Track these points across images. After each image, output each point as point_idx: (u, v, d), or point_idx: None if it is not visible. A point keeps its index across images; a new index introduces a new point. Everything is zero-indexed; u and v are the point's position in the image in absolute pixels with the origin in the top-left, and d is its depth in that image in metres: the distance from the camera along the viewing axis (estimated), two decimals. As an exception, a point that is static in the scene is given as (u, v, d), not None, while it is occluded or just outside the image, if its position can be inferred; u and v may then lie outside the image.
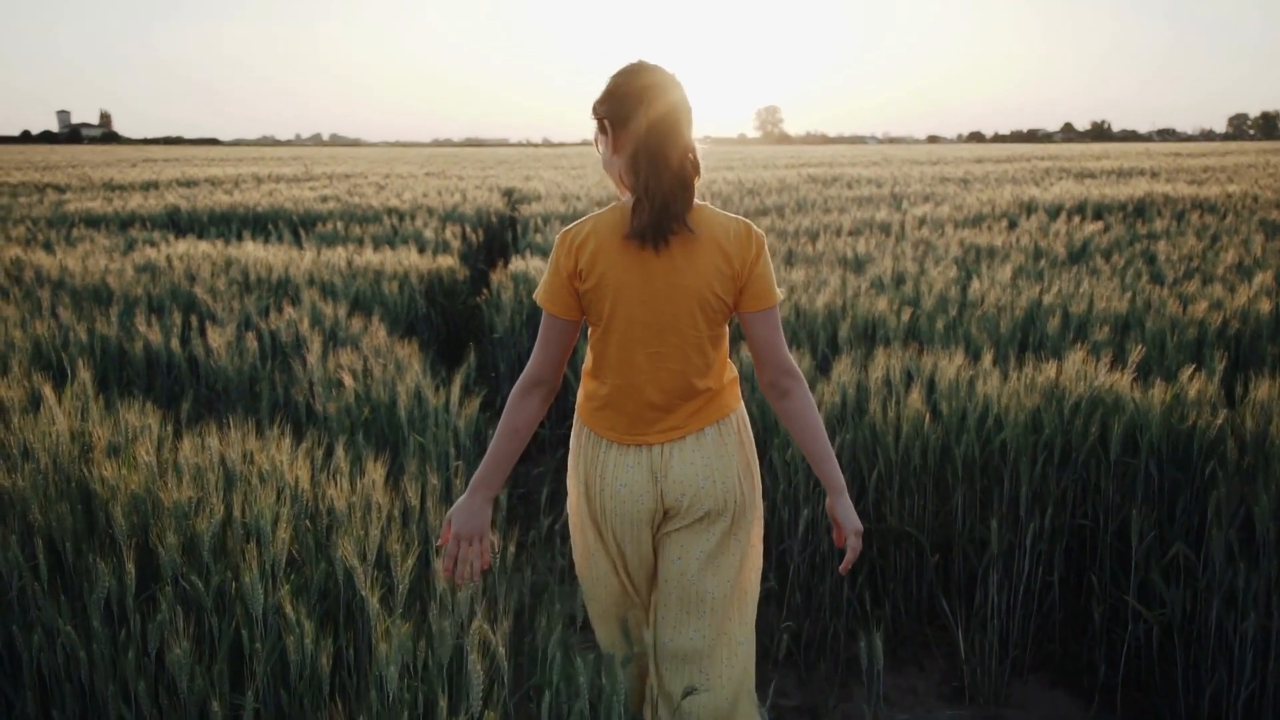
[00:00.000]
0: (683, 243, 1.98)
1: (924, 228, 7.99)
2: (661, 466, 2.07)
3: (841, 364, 3.76)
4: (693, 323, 2.01)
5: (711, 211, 2.04)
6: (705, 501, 2.08)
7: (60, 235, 8.05)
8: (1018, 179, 14.94)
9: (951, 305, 5.09)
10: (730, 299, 2.03)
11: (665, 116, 1.95)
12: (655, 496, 2.09)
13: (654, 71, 1.99)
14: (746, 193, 12.10)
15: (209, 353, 4.12)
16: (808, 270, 5.99)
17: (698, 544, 2.12)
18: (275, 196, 10.96)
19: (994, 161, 24.79)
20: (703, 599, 2.14)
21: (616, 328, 2.03)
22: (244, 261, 6.07)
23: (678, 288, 1.99)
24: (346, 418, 3.74)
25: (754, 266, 2.01)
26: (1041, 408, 3.37)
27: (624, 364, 2.05)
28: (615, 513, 2.11)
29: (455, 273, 6.59)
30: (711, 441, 2.08)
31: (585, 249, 2.00)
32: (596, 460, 2.12)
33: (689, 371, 2.05)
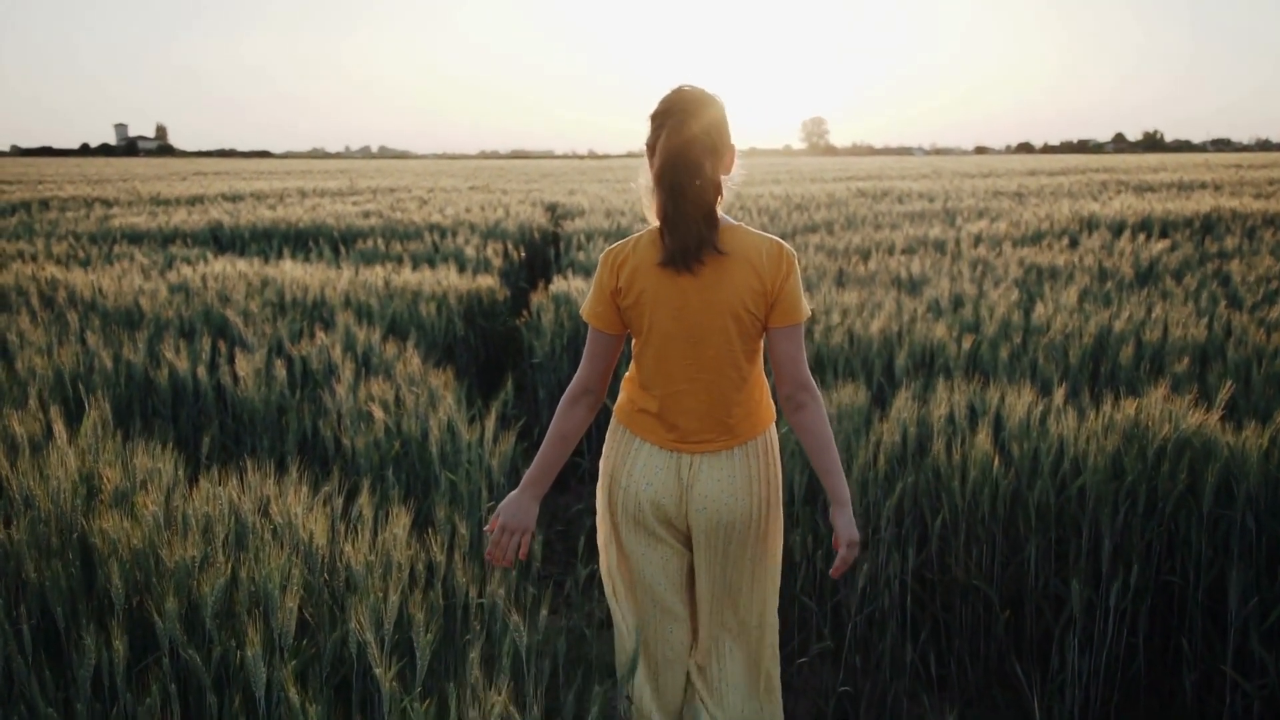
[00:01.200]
0: (717, 262, 2.07)
1: (980, 245, 7.69)
2: (689, 477, 2.18)
3: (900, 398, 3.51)
4: (726, 338, 2.11)
5: (745, 231, 2.13)
6: (724, 518, 2.18)
7: (102, 252, 7.99)
8: (1074, 193, 14.52)
9: (1015, 332, 4.80)
10: (762, 315, 2.12)
11: (684, 148, 2.04)
12: (679, 500, 2.20)
13: (682, 99, 2.08)
14: (794, 208, 11.84)
15: (236, 381, 3.95)
16: (860, 292, 5.73)
17: (720, 557, 2.24)
18: (317, 212, 10.88)
19: (1048, 174, 24.25)
20: (731, 607, 2.30)
21: (654, 342, 2.14)
22: (280, 281, 5.93)
23: (712, 304, 2.09)
24: (375, 452, 3.55)
25: (784, 284, 2.11)
26: (1123, 450, 3.09)
27: (662, 375, 2.17)
28: (636, 510, 2.23)
29: (495, 293, 6.41)
30: (739, 462, 2.19)
31: (625, 267, 2.12)
32: (628, 456, 2.24)
33: (724, 384, 2.15)
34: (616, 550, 2.35)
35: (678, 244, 2.05)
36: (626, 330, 2.21)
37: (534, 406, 5.34)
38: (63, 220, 10.98)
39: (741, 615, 2.33)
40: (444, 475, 3.48)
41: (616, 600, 2.39)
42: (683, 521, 2.23)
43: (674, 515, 2.22)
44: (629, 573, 2.34)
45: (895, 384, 4.49)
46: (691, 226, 2.05)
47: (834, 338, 4.68)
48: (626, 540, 2.30)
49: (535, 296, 5.70)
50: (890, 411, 3.48)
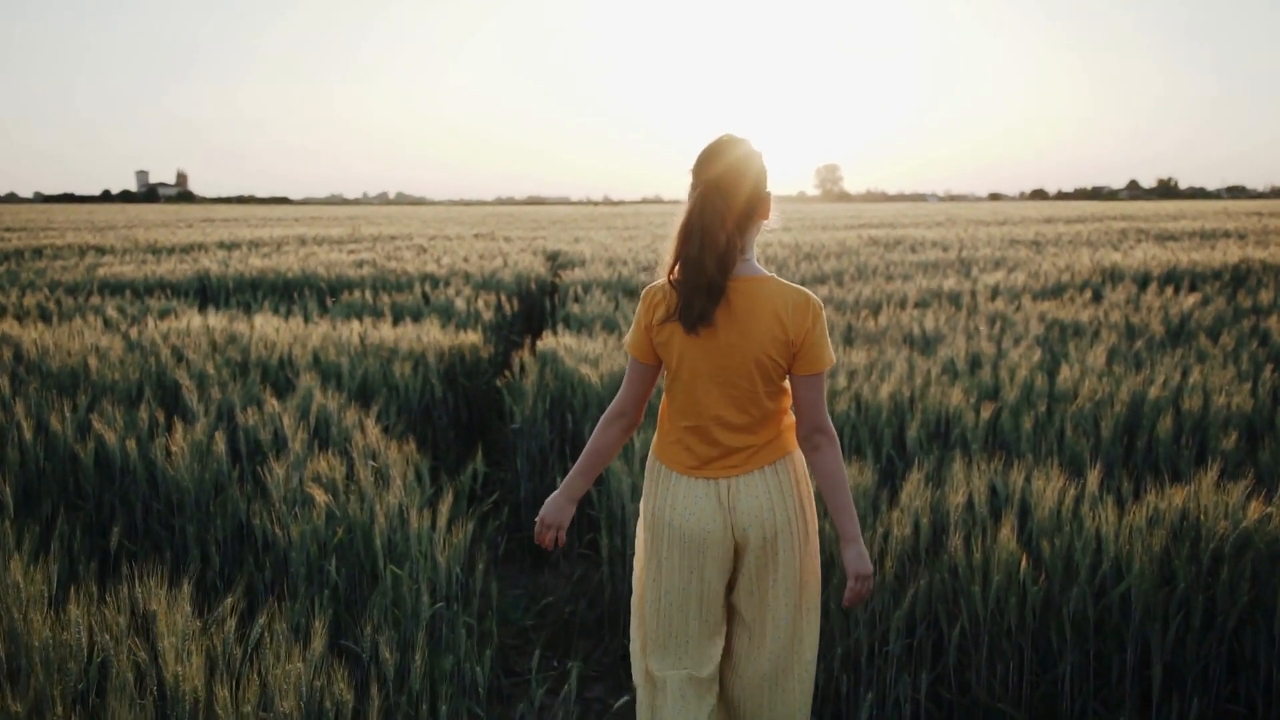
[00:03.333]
0: (745, 310, 2.18)
1: (998, 299, 7.25)
2: (729, 499, 2.27)
3: (911, 482, 3.07)
4: (750, 380, 2.21)
5: (776, 283, 2.22)
6: (769, 529, 2.26)
7: (75, 304, 7.64)
8: (1093, 241, 14.09)
9: (1038, 398, 4.36)
10: (785, 362, 2.22)
11: (709, 224, 2.15)
12: (725, 525, 2.27)
13: (719, 164, 2.18)
14: (804, 257, 11.44)
15: (169, 456, 3.53)
16: (869, 351, 5.30)
17: (766, 573, 2.29)
18: (309, 261, 10.53)
19: (1064, 222, 23.82)
20: (775, 623, 2.32)
21: (683, 377, 2.26)
22: (247, 338, 5.55)
23: (736, 349, 2.19)
24: (314, 542, 3.12)
25: (809, 335, 2.19)
26: (1172, 551, 2.64)
27: (690, 408, 2.28)
28: (685, 539, 2.29)
29: (479, 349, 6.00)
30: (771, 479, 2.27)
31: (660, 307, 2.24)
32: (666, 491, 2.32)
33: (748, 420, 2.25)
34: (655, 590, 2.38)
35: (683, 309, 2.17)
36: (660, 362, 2.33)
37: (514, 476, 4.91)
38: (51, 269, 10.67)
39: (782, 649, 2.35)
40: (388, 570, 3.05)
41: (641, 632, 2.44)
42: (730, 546, 2.29)
43: (721, 540, 2.29)
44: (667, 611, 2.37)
45: (906, 457, 4.04)
46: (697, 299, 2.16)
47: (839, 404, 4.24)
48: (669, 578, 2.34)
49: (518, 355, 5.29)
50: (900, 497, 3.04)
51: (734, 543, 2.29)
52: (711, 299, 2.15)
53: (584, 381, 4.85)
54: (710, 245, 2.13)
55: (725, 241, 2.14)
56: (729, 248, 2.14)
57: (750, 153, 2.20)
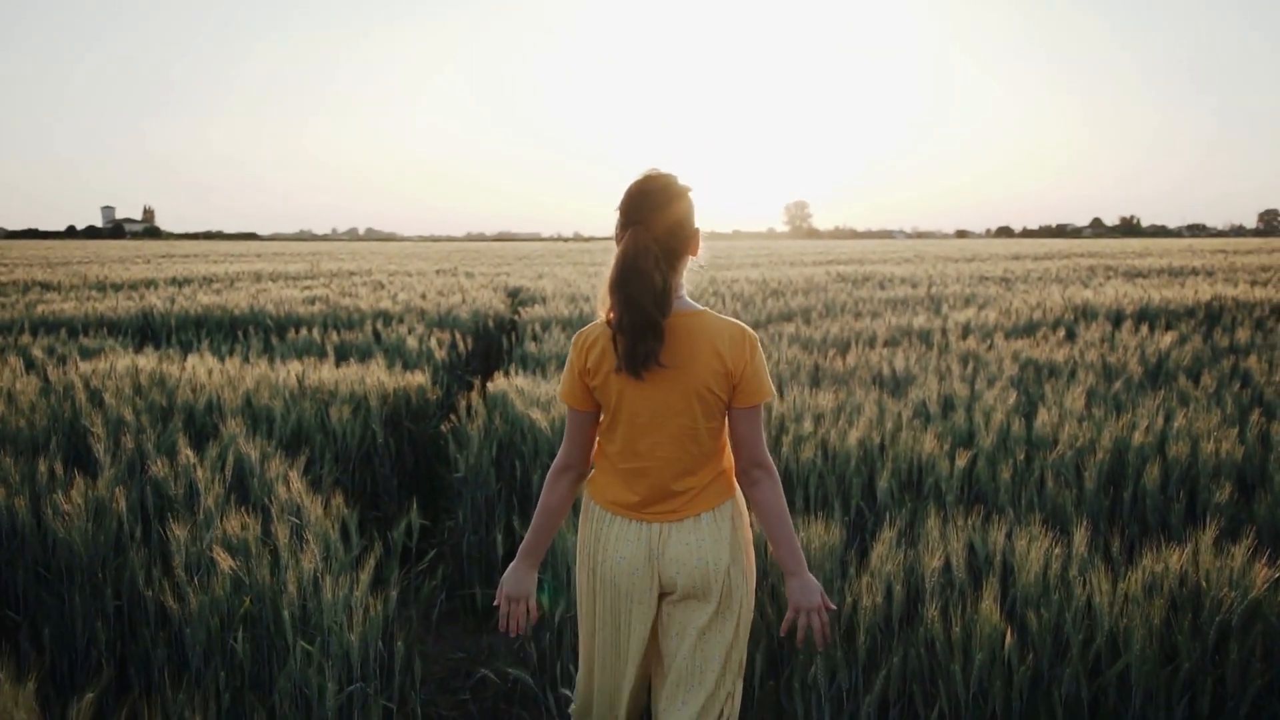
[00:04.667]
0: (683, 346, 2.14)
1: (970, 337, 7.01)
2: (660, 545, 2.22)
3: (883, 541, 2.77)
4: (690, 417, 2.18)
5: (712, 316, 2.20)
6: (697, 580, 2.20)
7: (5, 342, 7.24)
8: (1063, 278, 13.96)
9: (1016, 445, 4.09)
10: (725, 395, 2.18)
11: (640, 261, 2.08)
12: (652, 573, 2.23)
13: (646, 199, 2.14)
14: (770, 293, 11.19)
15: (58, 515, 3.17)
16: (837, 393, 5.01)
17: (693, 620, 2.23)
18: (260, 298, 10.15)
19: (1032, 258, 23.82)
20: (701, 673, 2.23)
21: (621, 419, 2.21)
22: (176, 380, 5.19)
23: (676, 385, 2.15)
24: (215, 615, 2.77)
25: (747, 368, 2.17)
26: (1173, 624, 2.35)
27: (628, 451, 2.22)
28: (613, 583, 2.25)
29: (425, 391, 5.66)
30: (707, 526, 2.22)
31: (594, 350, 2.20)
32: (601, 533, 2.27)
33: (687, 460, 2.20)
34: (590, 629, 2.35)
35: (627, 354, 2.11)
36: (598, 407, 2.27)
37: (456, 531, 4.56)
38: (-12, 306, 10.23)
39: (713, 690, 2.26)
40: (299, 645, 2.71)
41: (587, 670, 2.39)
42: (655, 591, 2.24)
43: (648, 584, 2.24)
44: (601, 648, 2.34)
45: (877, 510, 3.75)
46: (641, 342, 2.10)
47: (805, 451, 3.94)
48: (601, 617, 2.31)
49: (464, 398, 4.97)
50: (871, 558, 2.74)
51: (659, 587, 2.25)
52: (655, 340, 2.10)
53: (534, 426, 4.53)
54: (647, 286, 2.08)
55: (661, 282, 2.09)
56: (665, 288, 2.10)
57: (679, 189, 2.16)
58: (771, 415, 4.54)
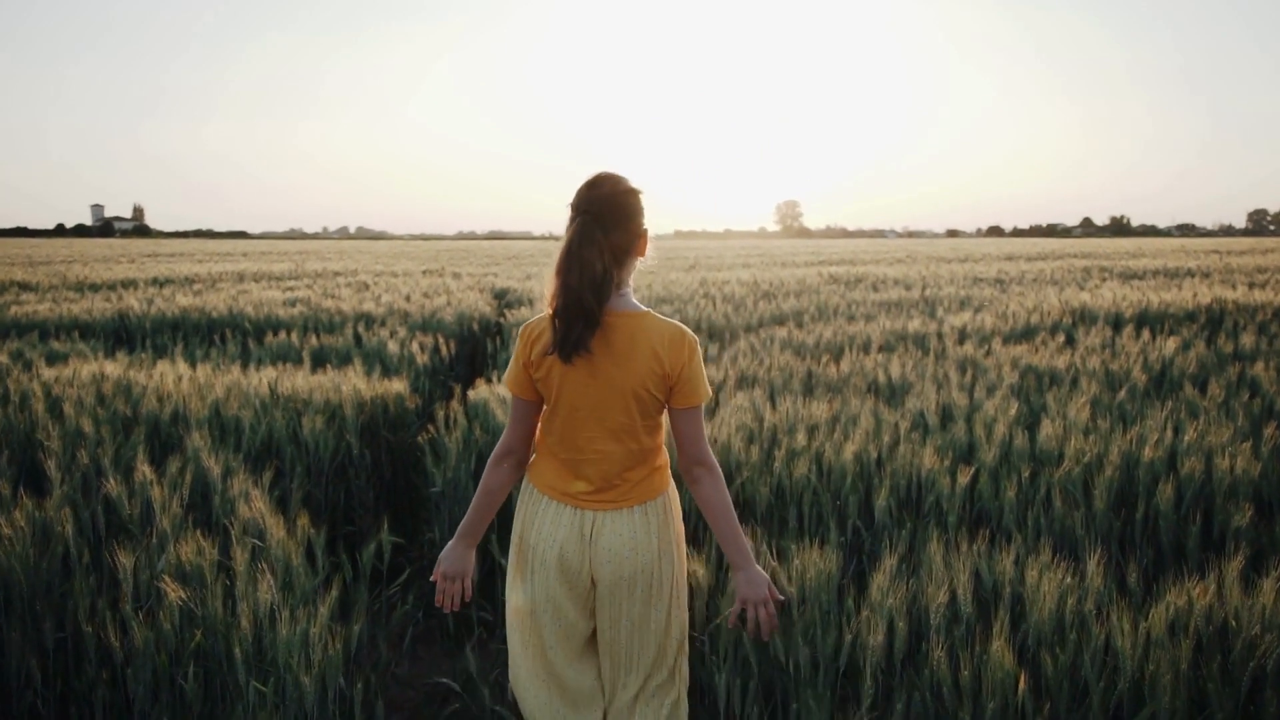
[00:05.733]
0: (623, 345, 2.20)
1: (967, 342, 6.81)
2: (592, 532, 2.27)
3: (883, 570, 2.57)
4: (627, 414, 2.24)
5: (653, 319, 2.25)
6: (625, 572, 2.27)
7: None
8: (1058, 280, 13.79)
9: (1021, 460, 3.89)
10: (663, 395, 2.25)
11: (584, 251, 2.15)
12: (584, 557, 2.28)
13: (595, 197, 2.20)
14: (761, 295, 10.99)
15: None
16: (831, 402, 4.81)
17: (624, 611, 2.31)
18: (240, 300, 9.91)
19: (1026, 259, 23.66)
20: (638, 658, 2.36)
21: (561, 411, 2.27)
22: (143, 388, 4.96)
23: (614, 382, 2.21)
24: (162, 653, 2.56)
25: (684, 370, 2.22)
26: (1203, 670, 2.15)
27: (567, 440, 2.28)
28: (543, 563, 2.29)
29: (404, 400, 5.45)
30: (639, 519, 2.29)
31: (539, 342, 2.24)
32: (535, 515, 2.33)
33: (623, 454, 2.26)
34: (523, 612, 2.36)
35: (561, 338, 2.16)
36: (540, 397, 2.32)
37: (433, 545, 4.35)
38: (-40, 307, 9.97)
39: (650, 672, 2.39)
40: (251, 686, 2.49)
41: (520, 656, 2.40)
42: (586, 577, 2.30)
43: (578, 569, 2.29)
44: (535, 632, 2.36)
45: (875, 530, 3.56)
46: (575, 327, 2.15)
47: (798, 467, 3.74)
48: (532, 599, 2.34)
49: (442, 408, 4.75)
50: (871, 590, 2.54)
51: (590, 573, 2.30)
52: (588, 327, 2.15)
53: (515, 439, 4.31)
54: (587, 274, 2.13)
55: (601, 271, 2.14)
56: (605, 277, 2.15)
57: (629, 188, 2.22)
58: (763, 426, 4.34)
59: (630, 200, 2.21)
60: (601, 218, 2.17)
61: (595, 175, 2.23)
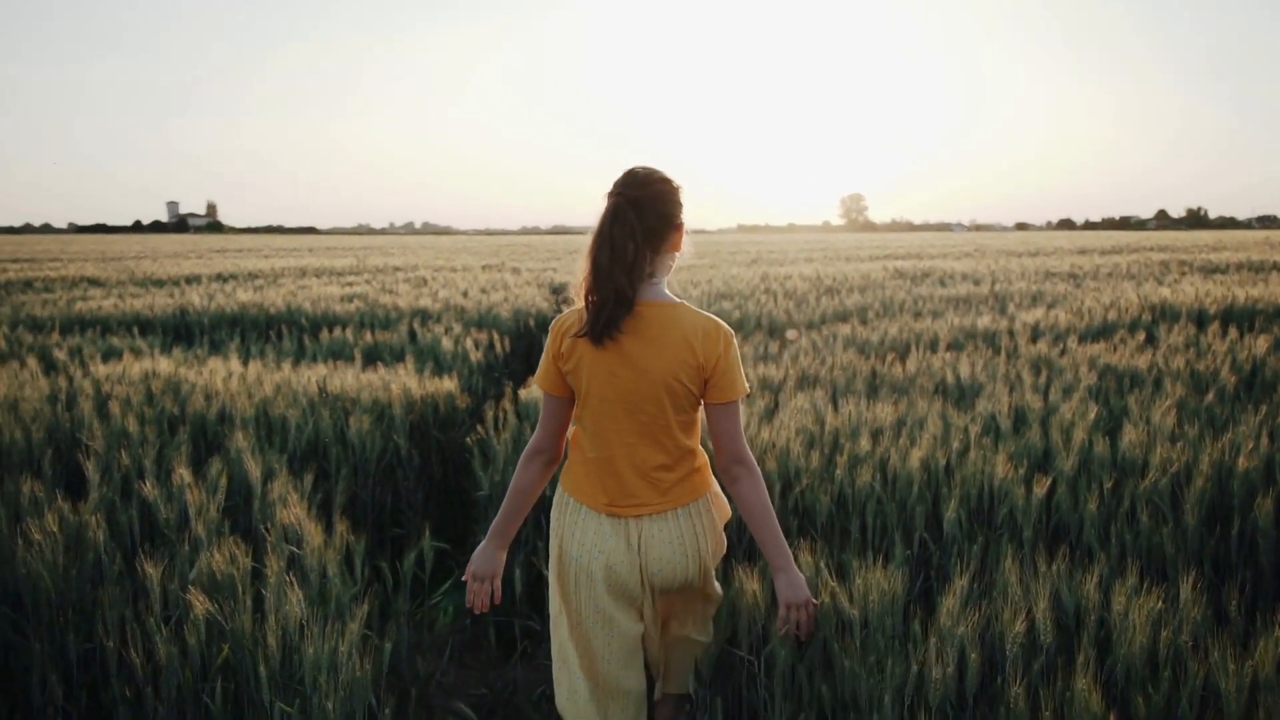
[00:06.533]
0: (655, 334, 2.18)
1: (1040, 341, 6.51)
2: (640, 541, 2.26)
3: (952, 593, 2.36)
4: (660, 408, 2.21)
5: (687, 309, 2.24)
6: (678, 576, 2.30)
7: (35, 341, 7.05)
8: (1134, 274, 13.29)
9: (1101, 469, 3.64)
10: (697, 389, 2.22)
11: (617, 235, 2.13)
12: (634, 566, 2.27)
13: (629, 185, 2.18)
14: (824, 291, 10.72)
15: (28, 545, 2.86)
16: (896, 404, 4.58)
17: (672, 613, 2.45)
18: (298, 295, 9.92)
19: (1099, 253, 22.96)
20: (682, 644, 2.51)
21: (591, 405, 2.24)
22: (192, 386, 4.90)
23: (645, 374, 2.18)
24: (186, 668, 2.44)
25: (719, 362, 2.19)
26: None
27: (599, 439, 2.25)
28: (588, 575, 2.28)
29: (455, 399, 5.33)
30: (684, 523, 2.28)
31: (569, 335, 2.23)
32: (574, 525, 2.30)
33: (658, 452, 2.24)
34: (568, 624, 2.35)
35: (592, 318, 2.15)
36: (572, 393, 2.29)
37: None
38: (30, 304, 10.12)
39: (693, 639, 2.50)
40: (278, 708, 2.37)
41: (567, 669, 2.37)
42: (637, 587, 2.28)
43: (627, 579, 2.26)
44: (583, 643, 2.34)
45: (943, 544, 3.33)
46: (604, 307, 2.12)
47: (861, 474, 3.52)
48: (577, 612, 2.32)
49: (491, 408, 4.62)
50: (939, 614, 2.33)
51: (642, 583, 2.28)
52: (619, 307, 2.12)
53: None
54: (619, 255, 2.11)
55: (634, 252, 2.12)
56: (637, 259, 2.12)
57: (664, 177, 2.21)
58: (824, 430, 4.13)
59: (664, 188, 2.20)
60: (635, 200, 2.15)
61: (634, 167, 2.24)
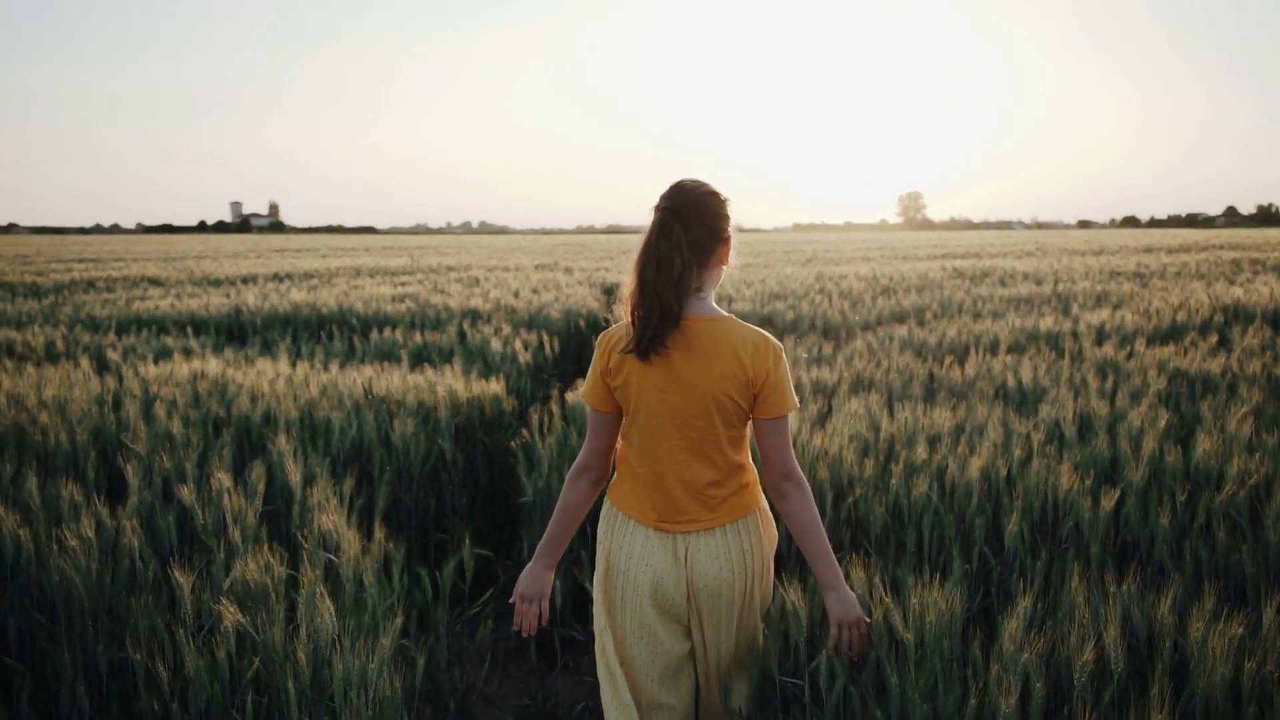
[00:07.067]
0: (704, 349, 2.17)
1: (1106, 343, 6.28)
2: (688, 555, 2.24)
3: (1015, 616, 2.21)
4: (709, 422, 2.19)
5: (735, 323, 2.23)
6: (725, 592, 2.25)
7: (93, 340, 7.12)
8: (1204, 273, 12.87)
9: (1174, 480, 3.45)
10: (746, 404, 2.20)
11: (663, 251, 2.12)
12: (681, 580, 2.24)
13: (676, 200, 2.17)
14: (880, 291, 10.51)
15: (63, 551, 2.82)
16: (955, 410, 4.41)
17: (722, 630, 2.31)
18: (350, 295, 9.95)
19: (1166, 251, 22.35)
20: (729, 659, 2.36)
21: (640, 421, 2.22)
22: (239, 387, 4.88)
23: (694, 389, 2.17)
24: (214, 681, 2.38)
25: (769, 377, 2.17)
26: None
27: (648, 454, 2.23)
28: (636, 588, 2.26)
29: (501, 401, 5.25)
30: (732, 539, 2.25)
31: (617, 349, 2.21)
32: (622, 539, 2.29)
33: (708, 468, 2.22)
34: (614, 640, 2.34)
35: (638, 334, 2.14)
36: (619, 409, 2.27)
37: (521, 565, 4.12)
38: (90, 303, 10.28)
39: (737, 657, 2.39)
40: (306, 724, 2.29)
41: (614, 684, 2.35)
42: (683, 602, 2.27)
43: (673, 594, 2.26)
44: (627, 659, 2.33)
45: (1005, 559, 3.17)
46: (650, 323, 2.12)
47: (918, 484, 3.37)
48: (622, 627, 2.31)
49: (536, 412, 4.53)
50: (1002, 639, 2.18)
51: (688, 598, 2.27)
52: (665, 322, 2.12)
53: (611, 446, 4.06)
54: (666, 270, 2.11)
55: (680, 267, 2.11)
56: (684, 272, 2.12)
57: (711, 190, 2.20)
58: (879, 437, 3.98)
59: (711, 201, 2.19)
60: (681, 214, 2.14)
61: (680, 179, 2.23)
